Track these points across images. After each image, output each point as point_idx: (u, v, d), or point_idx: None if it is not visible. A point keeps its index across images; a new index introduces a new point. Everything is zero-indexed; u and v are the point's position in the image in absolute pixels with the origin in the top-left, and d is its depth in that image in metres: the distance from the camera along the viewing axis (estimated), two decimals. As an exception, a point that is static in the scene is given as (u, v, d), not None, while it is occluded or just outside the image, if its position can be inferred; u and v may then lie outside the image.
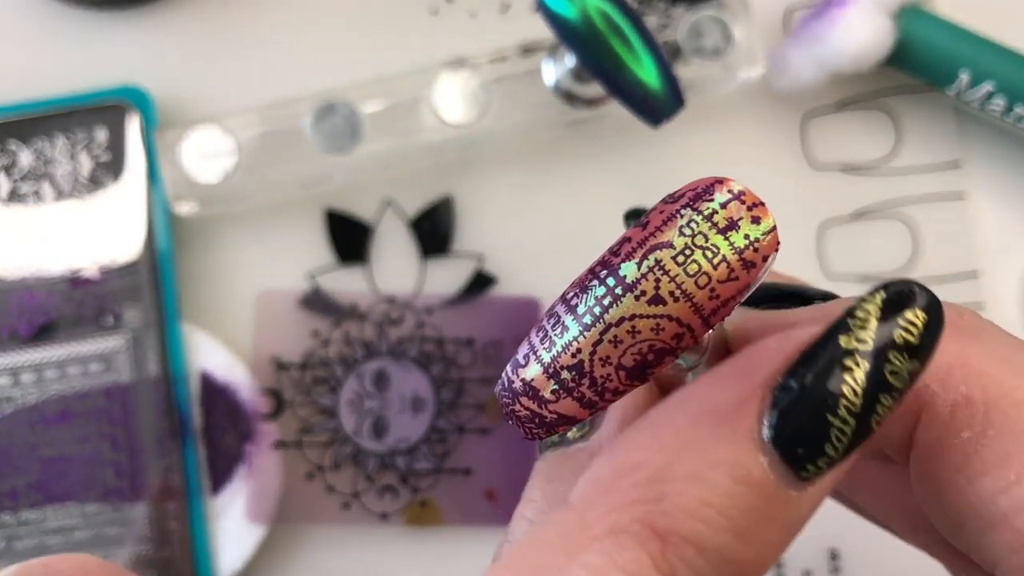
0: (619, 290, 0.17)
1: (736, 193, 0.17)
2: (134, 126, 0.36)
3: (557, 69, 0.36)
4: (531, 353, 0.18)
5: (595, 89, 0.35)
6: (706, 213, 0.17)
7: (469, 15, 0.39)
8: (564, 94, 0.36)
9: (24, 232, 0.36)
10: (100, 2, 0.38)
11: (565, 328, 0.17)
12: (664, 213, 0.17)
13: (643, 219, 0.18)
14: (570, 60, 0.35)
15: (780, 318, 0.20)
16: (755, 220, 0.17)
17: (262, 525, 0.36)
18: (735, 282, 0.17)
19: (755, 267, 0.17)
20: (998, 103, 0.35)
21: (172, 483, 0.35)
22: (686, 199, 0.17)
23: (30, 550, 0.35)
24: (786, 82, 0.37)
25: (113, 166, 0.36)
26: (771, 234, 0.17)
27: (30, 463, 0.35)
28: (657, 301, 0.17)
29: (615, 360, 0.17)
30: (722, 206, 0.17)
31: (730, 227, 0.17)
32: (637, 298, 0.17)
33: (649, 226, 0.17)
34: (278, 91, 0.37)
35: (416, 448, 0.37)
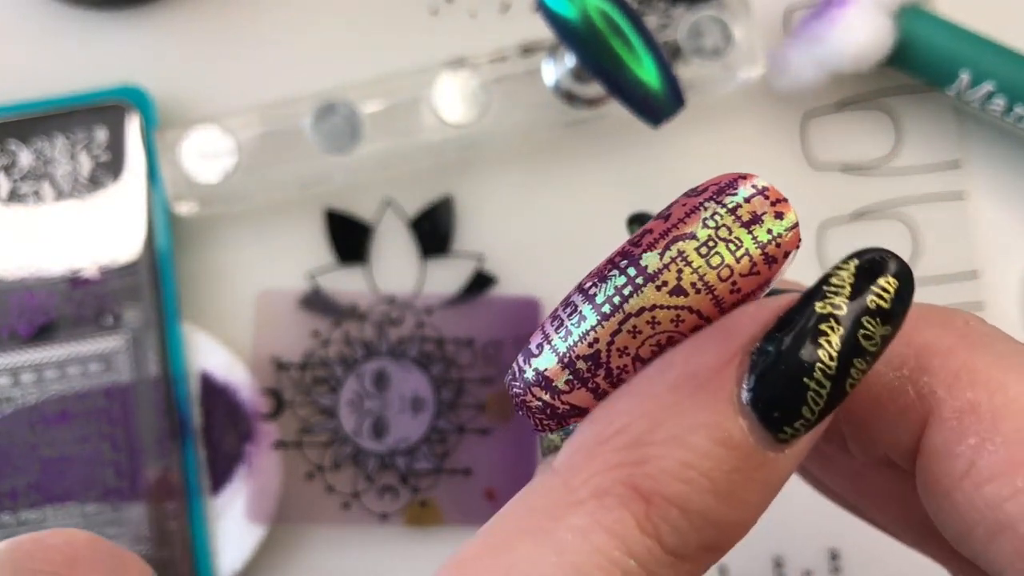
0: (640, 280, 0.17)
1: (760, 188, 0.17)
2: (134, 126, 0.36)
3: (557, 69, 0.36)
4: (545, 342, 0.18)
5: (595, 89, 0.35)
6: (730, 206, 0.17)
7: (469, 15, 0.39)
8: (564, 94, 0.36)
9: (24, 232, 0.36)
10: (100, 2, 0.38)
11: (583, 317, 0.17)
12: (687, 206, 0.17)
13: (664, 211, 0.18)
14: (570, 60, 0.35)
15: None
16: (778, 215, 0.17)
17: (262, 525, 0.36)
18: (756, 276, 0.17)
19: (776, 262, 0.17)
20: (998, 103, 0.35)
21: (172, 483, 0.35)
22: (709, 192, 0.17)
23: (30, 550, 0.35)
24: (786, 82, 0.37)
25: (113, 166, 0.36)
26: (793, 230, 0.17)
27: (30, 463, 0.35)
28: (679, 292, 0.17)
29: (632, 351, 0.17)
30: (746, 200, 0.17)
31: (753, 221, 0.17)
32: (658, 288, 0.17)
33: (672, 218, 0.17)
34: (278, 91, 0.37)
35: (416, 448, 0.37)
